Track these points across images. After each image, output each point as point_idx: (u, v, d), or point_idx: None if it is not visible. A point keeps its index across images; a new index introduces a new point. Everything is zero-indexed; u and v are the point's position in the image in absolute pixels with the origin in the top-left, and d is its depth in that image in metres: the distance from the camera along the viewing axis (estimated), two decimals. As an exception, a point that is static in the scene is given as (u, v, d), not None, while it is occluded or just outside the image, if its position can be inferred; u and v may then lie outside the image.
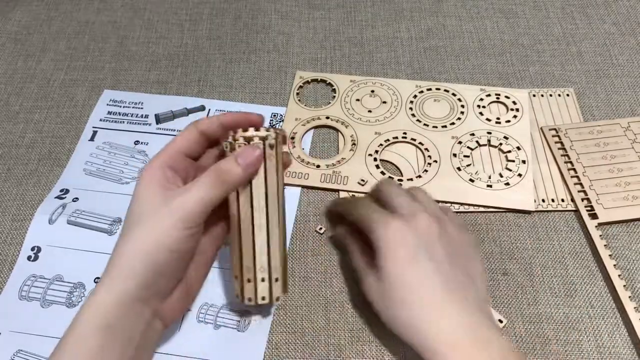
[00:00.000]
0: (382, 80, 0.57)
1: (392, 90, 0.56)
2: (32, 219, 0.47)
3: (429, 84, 0.56)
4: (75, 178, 0.50)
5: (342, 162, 0.51)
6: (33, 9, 0.65)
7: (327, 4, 0.65)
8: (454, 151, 0.51)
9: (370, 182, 0.49)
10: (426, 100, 0.55)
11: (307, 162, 0.51)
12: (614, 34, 0.61)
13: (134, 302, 0.33)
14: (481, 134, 0.52)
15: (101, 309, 0.33)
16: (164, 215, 0.34)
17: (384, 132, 0.52)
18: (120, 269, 0.34)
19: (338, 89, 0.56)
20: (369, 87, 0.56)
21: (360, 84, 0.57)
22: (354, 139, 0.52)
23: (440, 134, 0.52)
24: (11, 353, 0.41)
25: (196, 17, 0.64)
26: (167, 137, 0.53)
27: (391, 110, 0.54)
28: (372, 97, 0.55)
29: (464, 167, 0.50)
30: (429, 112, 0.54)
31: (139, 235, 0.34)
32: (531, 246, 0.46)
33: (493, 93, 0.55)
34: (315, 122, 0.54)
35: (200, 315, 0.42)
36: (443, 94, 0.55)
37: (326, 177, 0.50)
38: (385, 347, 0.41)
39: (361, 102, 0.55)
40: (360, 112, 0.54)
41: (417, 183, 0.49)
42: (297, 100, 0.56)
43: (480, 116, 0.53)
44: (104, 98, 0.56)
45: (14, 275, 0.44)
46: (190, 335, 0.41)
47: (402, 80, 0.57)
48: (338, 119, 0.54)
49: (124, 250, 0.34)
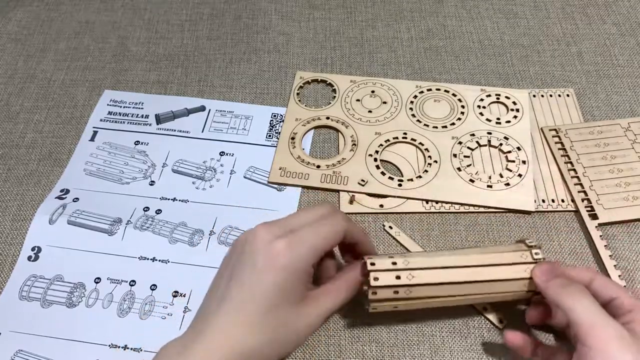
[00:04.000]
0: (382, 80, 0.57)
1: (393, 90, 0.56)
2: (33, 219, 0.47)
3: (429, 84, 0.56)
4: (76, 178, 0.50)
5: (343, 162, 0.50)
6: (33, 9, 0.65)
7: (327, 4, 0.65)
8: (454, 151, 0.51)
9: (371, 183, 0.49)
10: (426, 101, 0.55)
11: (307, 163, 0.51)
12: (614, 34, 0.61)
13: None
14: (481, 134, 0.52)
15: None
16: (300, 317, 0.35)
17: (384, 132, 0.52)
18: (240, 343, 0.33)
19: (338, 89, 0.56)
20: (369, 88, 0.56)
21: (360, 84, 0.57)
22: (354, 139, 0.52)
23: (440, 134, 0.52)
24: (11, 353, 0.41)
25: (196, 17, 0.64)
26: (168, 137, 0.53)
27: (391, 110, 0.54)
28: (372, 98, 0.55)
29: (464, 167, 0.50)
30: (429, 113, 0.54)
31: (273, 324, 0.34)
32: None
33: (493, 93, 0.55)
34: (315, 123, 0.54)
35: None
36: (443, 94, 0.55)
37: (326, 177, 0.50)
38: (385, 347, 0.41)
39: (361, 103, 0.55)
40: (361, 112, 0.54)
41: (417, 183, 0.49)
42: (298, 101, 0.55)
43: (481, 116, 0.53)
44: (104, 98, 0.56)
45: (14, 275, 0.45)
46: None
47: (403, 81, 0.57)
48: (338, 119, 0.54)
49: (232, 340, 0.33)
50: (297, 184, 0.50)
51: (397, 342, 0.41)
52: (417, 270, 0.37)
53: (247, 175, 0.50)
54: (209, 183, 0.50)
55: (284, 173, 0.50)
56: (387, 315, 0.42)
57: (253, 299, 0.34)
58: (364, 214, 0.48)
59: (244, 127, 0.54)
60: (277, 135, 0.53)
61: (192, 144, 0.53)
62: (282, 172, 0.50)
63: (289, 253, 0.34)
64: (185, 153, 0.52)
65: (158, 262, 0.45)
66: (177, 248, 0.46)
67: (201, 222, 0.47)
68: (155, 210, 0.48)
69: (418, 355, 0.41)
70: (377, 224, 0.47)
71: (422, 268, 0.37)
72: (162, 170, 0.51)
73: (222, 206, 0.48)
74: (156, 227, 0.47)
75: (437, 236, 0.46)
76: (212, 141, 0.53)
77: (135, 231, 0.46)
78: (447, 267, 0.37)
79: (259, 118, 0.54)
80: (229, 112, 0.55)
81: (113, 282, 0.44)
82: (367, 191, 0.49)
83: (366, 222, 0.47)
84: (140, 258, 0.45)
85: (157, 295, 0.43)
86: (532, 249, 0.39)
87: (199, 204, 0.49)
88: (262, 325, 0.33)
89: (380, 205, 0.48)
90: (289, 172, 0.50)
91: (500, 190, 0.48)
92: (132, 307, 0.43)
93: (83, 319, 0.42)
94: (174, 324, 0.42)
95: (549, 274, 0.37)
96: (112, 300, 0.43)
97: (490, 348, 0.41)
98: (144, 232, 0.46)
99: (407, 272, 0.37)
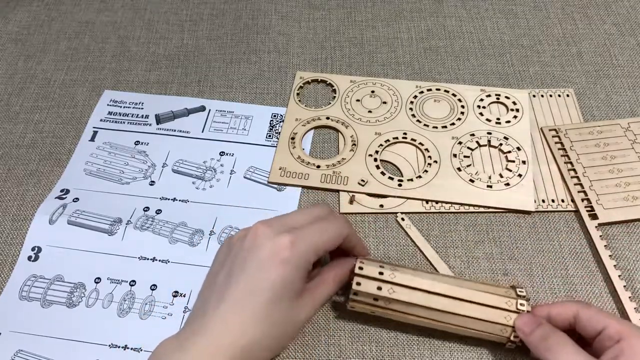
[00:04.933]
0: (382, 80, 0.57)
1: (393, 90, 0.56)
2: (33, 219, 0.47)
3: (429, 84, 0.56)
4: (76, 178, 0.50)
5: (342, 162, 0.50)
6: (33, 10, 0.65)
7: (327, 5, 0.65)
8: (454, 151, 0.51)
9: (371, 183, 0.49)
10: (426, 101, 0.55)
11: (308, 163, 0.51)
12: (614, 35, 0.61)
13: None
14: (481, 134, 0.52)
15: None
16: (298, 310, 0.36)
17: (384, 132, 0.52)
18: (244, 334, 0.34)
19: (338, 89, 0.56)
20: (369, 88, 0.56)
21: (360, 84, 0.57)
22: (354, 139, 0.52)
23: (440, 135, 0.52)
24: (11, 353, 0.41)
25: (196, 17, 0.64)
26: (168, 137, 0.53)
27: (391, 110, 0.54)
28: (372, 98, 0.55)
29: (464, 167, 0.50)
30: (429, 113, 0.54)
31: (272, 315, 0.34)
32: (531, 246, 0.46)
33: (493, 93, 0.55)
34: (315, 123, 0.54)
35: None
36: (443, 94, 0.55)
37: (326, 177, 0.50)
38: (385, 347, 0.41)
39: (361, 103, 0.55)
40: (361, 112, 0.54)
41: (417, 183, 0.49)
42: (298, 101, 0.55)
43: (481, 117, 0.53)
44: (104, 98, 0.56)
45: (14, 275, 0.45)
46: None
47: (403, 81, 0.57)
48: (338, 119, 0.54)
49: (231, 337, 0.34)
50: (297, 184, 0.50)
51: (397, 342, 0.41)
52: (399, 286, 0.38)
53: (247, 175, 0.50)
54: (209, 183, 0.50)
55: (284, 173, 0.50)
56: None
57: (255, 292, 0.34)
58: (364, 214, 0.48)
59: (244, 127, 0.54)
60: (277, 135, 0.53)
61: (192, 144, 0.53)
62: (282, 172, 0.50)
63: (293, 248, 0.35)
64: (185, 153, 0.52)
65: (158, 262, 0.45)
66: (177, 248, 0.46)
67: (201, 222, 0.47)
68: (156, 210, 0.48)
69: (418, 355, 0.41)
70: (377, 224, 0.47)
71: (404, 285, 0.38)
72: (162, 171, 0.51)
73: (222, 206, 0.48)
74: (156, 227, 0.47)
75: (437, 236, 0.46)
76: (212, 141, 0.53)
77: (136, 231, 0.46)
78: (429, 292, 0.38)
79: (259, 118, 0.54)
80: (229, 112, 0.55)
81: (113, 282, 0.44)
82: (367, 191, 0.49)
83: (366, 222, 0.47)
84: (141, 258, 0.45)
85: (157, 295, 0.43)
86: (519, 299, 0.38)
87: (199, 204, 0.49)
88: (264, 318, 0.34)
89: (380, 205, 0.48)
90: (289, 172, 0.50)
91: (500, 190, 0.48)
92: (132, 307, 0.43)
93: (83, 319, 0.42)
94: (174, 324, 0.42)
95: (531, 325, 0.37)
96: (112, 300, 0.43)
97: (490, 348, 0.41)
98: (144, 232, 0.46)
99: (390, 286, 0.38)
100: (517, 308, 0.38)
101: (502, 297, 0.38)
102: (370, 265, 0.39)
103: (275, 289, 0.34)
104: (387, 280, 0.38)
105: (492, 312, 0.38)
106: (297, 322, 0.36)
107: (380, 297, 0.38)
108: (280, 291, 0.34)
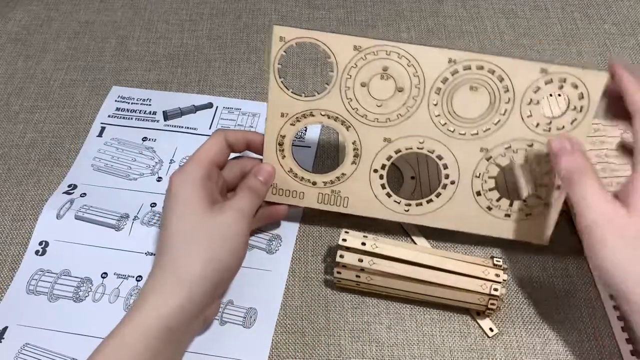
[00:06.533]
0: (399, 46, 0.39)
1: (413, 68, 0.40)
2: (40, 214, 0.47)
3: (468, 56, 0.39)
4: (83, 173, 0.51)
5: (342, 178, 0.43)
6: (33, 9, 0.65)
7: (327, 4, 0.65)
8: (479, 170, 0.42)
9: (374, 206, 0.43)
10: (460, 87, 0.40)
11: (301, 178, 0.43)
12: (614, 34, 0.61)
13: (195, 310, 0.37)
14: (519, 145, 0.41)
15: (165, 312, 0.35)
16: (221, 232, 0.38)
17: (395, 138, 0.41)
18: (181, 279, 0.36)
19: (336, 62, 0.40)
20: (381, 61, 0.40)
21: (368, 54, 0.39)
22: (356, 147, 0.42)
23: (467, 145, 0.41)
24: (19, 346, 0.41)
25: (196, 17, 0.64)
26: (175, 134, 0.53)
27: (409, 103, 0.40)
28: (384, 80, 0.40)
29: (485, 191, 0.42)
30: (460, 109, 0.40)
31: (199, 250, 0.37)
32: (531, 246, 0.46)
33: (557, 78, 0.38)
34: (308, 120, 0.42)
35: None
36: (485, 77, 0.39)
37: (324, 197, 0.43)
38: (385, 347, 0.41)
39: (368, 89, 0.40)
40: (367, 105, 0.41)
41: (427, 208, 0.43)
42: (281, 83, 0.41)
43: (528, 118, 0.40)
44: (112, 94, 0.57)
45: (21, 269, 0.45)
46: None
47: (430, 49, 0.39)
48: (337, 115, 0.42)
49: (185, 263, 0.37)
50: (292, 204, 0.44)
51: (397, 342, 0.41)
52: (381, 258, 0.40)
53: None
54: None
55: (275, 191, 0.43)
56: (387, 315, 0.42)
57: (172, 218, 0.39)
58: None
59: (250, 124, 0.54)
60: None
61: (199, 141, 0.52)
62: (274, 189, 0.43)
63: (180, 171, 0.40)
64: (193, 150, 0.51)
65: (163, 259, 0.45)
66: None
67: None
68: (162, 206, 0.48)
69: (418, 355, 0.41)
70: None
71: (386, 257, 0.40)
72: (169, 167, 0.51)
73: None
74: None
75: (437, 236, 0.46)
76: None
77: (142, 227, 0.47)
78: (410, 262, 0.40)
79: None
80: (236, 110, 0.55)
81: (120, 277, 0.44)
82: (370, 216, 0.44)
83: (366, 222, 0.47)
84: (147, 254, 0.45)
85: (161, 292, 0.43)
86: (496, 269, 0.40)
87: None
88: (191, 233, 0.38)
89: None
90: (280, 190, 0.43)
91: (520, 220, 0.42)
92: (138, 303, 0.43)
93: (90, 313, 0.43)
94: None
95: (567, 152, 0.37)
96: (118, 295, 0.43)
97: (491, 348, 0.41)
98: (150, 227, 0.47)
99: (370, 258, 0.40)
100: (494, 277, 0.40)
101: (480, 266, 0.40)
102: (353, 237, 0.41)
103: (180, 206, 0.38)
104: (369, 252, 0.40)
105: (469, 281, 0.39)
106: (226, 228, 0.38)
107: (363, 268, 0.40)
108: (184, 206, 0.38)
